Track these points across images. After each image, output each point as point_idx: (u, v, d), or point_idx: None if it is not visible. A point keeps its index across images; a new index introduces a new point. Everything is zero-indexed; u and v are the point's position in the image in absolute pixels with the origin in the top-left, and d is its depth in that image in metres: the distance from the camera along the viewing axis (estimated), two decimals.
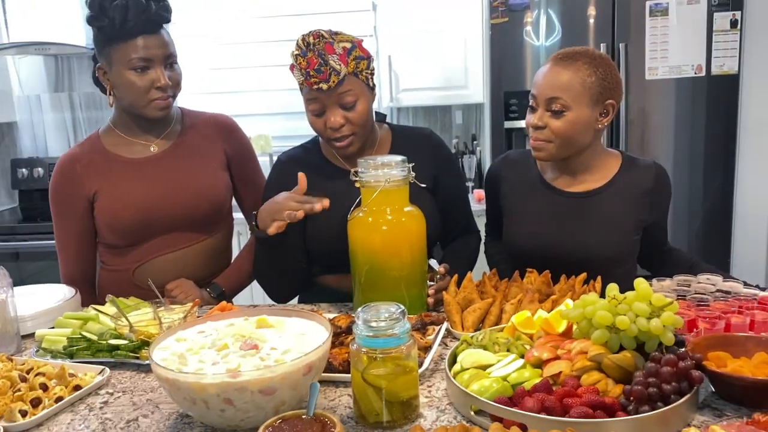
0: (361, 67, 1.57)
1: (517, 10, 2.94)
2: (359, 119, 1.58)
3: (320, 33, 1.55)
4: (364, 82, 1.59)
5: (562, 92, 1.54)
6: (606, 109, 1.58)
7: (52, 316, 1.55)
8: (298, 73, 1.55)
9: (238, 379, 0.97)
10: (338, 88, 1.53)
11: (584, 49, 1.60)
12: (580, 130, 1.57)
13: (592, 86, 1.54)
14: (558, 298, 1.41)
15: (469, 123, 3.84)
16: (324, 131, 1.59)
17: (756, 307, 1.32)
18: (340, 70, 1.52)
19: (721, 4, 2.82)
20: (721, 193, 3.01)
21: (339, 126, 1.57)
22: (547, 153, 1.60)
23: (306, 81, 1.53)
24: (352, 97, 1.56)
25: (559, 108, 1.55)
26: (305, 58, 1.52)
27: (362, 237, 1.49)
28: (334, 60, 1.52)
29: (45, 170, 3.88)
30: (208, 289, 1.76)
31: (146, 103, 1.64)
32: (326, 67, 1.51)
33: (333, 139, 1.59)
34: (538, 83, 1.59)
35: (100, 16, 1.58)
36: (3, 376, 1.21)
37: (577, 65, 1.55)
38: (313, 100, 1.57)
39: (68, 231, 1.74)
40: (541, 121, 1.57)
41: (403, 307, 1.07)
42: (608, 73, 1.56)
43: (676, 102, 2.95)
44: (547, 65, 1.59)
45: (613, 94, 1.58)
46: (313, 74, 1.51)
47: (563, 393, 1.02)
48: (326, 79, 1.51)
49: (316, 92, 1.54)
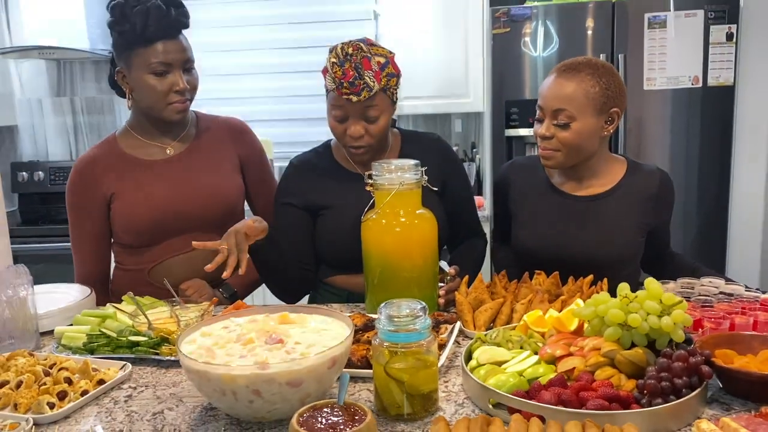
0: (390, 84, 1.62)
1: (519, 20, 3.00)
2: (378, 133, 1.63)
3: (359, 45, 1.58)
4: (390, 98, 1.64)
5: (567, 103, 1.59)
6: (611, 117, 1.63)
7: (68, 314, 1.57)
8: (330, 81, 1.59)
9: (267, 371, 1.00)
10: (366, 103, 1.58)
11: (587, 59, 1.65)
12: (587, 138, 1.61)
13: (596, 96, 1.59)
14: (567, 298, 1.46)
15: (468, 131, 3.89)
16: (343, 137, 1.64)
17: (758, 308, 1.37)
18: (373, 86, 1.56)
19: (717, 18, 2.89)
20: (716, 201, 3.07)
21: (359, 136, 1.62)
22: (556, 161, 1.65)
23: (338, 90, 1.57)
24: (376, 112, 1.61)
25: (565, 119, 1.60)
26: (342, 68, 1.56)
27: (376, 239, 1.52)
28: (369, 76, 1.56)
29: (46, 174, 3.90)
30: (220, 289, 1.79)
31: (165, 106, 1.68)
32: (361, 81, 1.55)
33: (350, 146, 1.64)
34: (543, 95, 1.64)
35: (122, 21, 1.61)
36: (27, 371, 1.23)
37: (580, 76, 1.59)
38: (338, 107, 1.61)
39: (84, 231, 1.77)
40: (548, 131, 1.62)
41: (424, 304, 1.11)
42: (611, 82, 1.61)
43: (673, 112, 3.01)
44: (551, 77, 1.64)
45: (617, 102, 1.63)
46: (346, 85, 1.55)
47: (579, 387, 1.06)
48: (358, 93, 1.56)
49: (344, 101, 1.58)
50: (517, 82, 3.08)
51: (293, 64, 3.87)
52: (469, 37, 3.33)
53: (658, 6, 2.93)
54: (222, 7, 3.84)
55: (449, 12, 3.31)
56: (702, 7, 2.90)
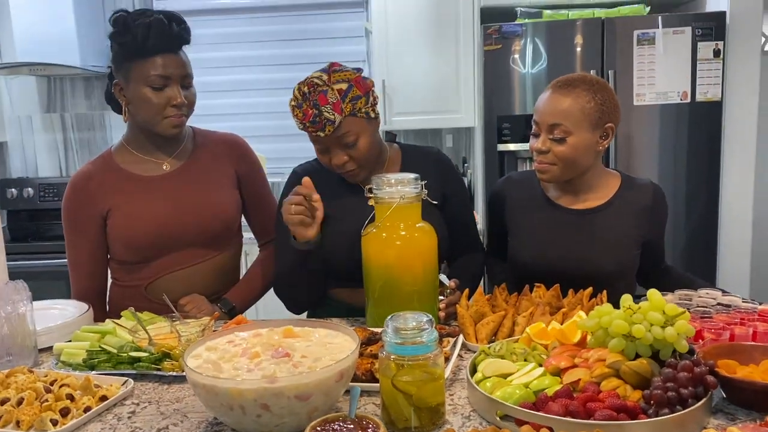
0: (358, 106, 1.59)
1: (510, 37, 3.03)
2: (362, 155, 1.63)
3: (314, 82, 1.58)
4: (365, 117, 1.62)
5: (563, 118, 1.61)
6: (606, 132, 1.66)
7: (66, 330, 1.56)
8: (297, 121, 1.61)
9: (275, 385, 1.00)
10: (336, 133, 1.58)
11: (582, 75, 1.68)
12: (582, 152, 1.64)
13: (591, 111, 1.62)
14: (568, 311, 1.46)
15: (459, 146, 3.92)
16: (330, 167, 1.66)
17: (757, 319, 1.39)
18: (335, 119, 1.56)
19: (704, 34, 2.95)
20: (705, 215, 3.11)
21: (343, 163, 1.63)
22: (552, 175, 1.67)
23: (306, 129, 1.60)
24: (352, 137, 1.60)
25: (561, 133, 1.62)
26: (301, 109, 1.58)
27: (376, 252, 1.53)
28: (328, 111, 1.55)
29: (35, 190, 3.87)
30: (218, 304, 1.78)
31: (160, 120, 1.67)
32: (320, 118, 1.56)
33: (342, 172, 1.66)
34: (539, 110, 1.66)
35: (124, 32, 1.61)
36: (28, 387, 1.22)
37: (576, 92, 1.62)
38: (315, 141, 1.64)
39: (81, 248, 1.76)
40: (544, 145, 1.65)
41: (430, 316, 1.11)
42: (606, 97, 1.64)
43: (662, 126, 3.06)
44: (547, 92, 1.67)
45: (612, 117, 1.66)
46: (309, 125, 1.57)
47: (585, 398, 1.06)
48: (322, 129, 1.57)
49: (316, 137, 1.60)
50: (508, 98, 3.12)
51: (286, 80, 3.87)
52: (461, 53, 3.37)
53: (647, 23, 2.98)
54: (215, 23, 3.87)
55: (441, 29, 3.35)
56: (689, 24, 2.95)
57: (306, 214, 1.56)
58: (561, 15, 3.10)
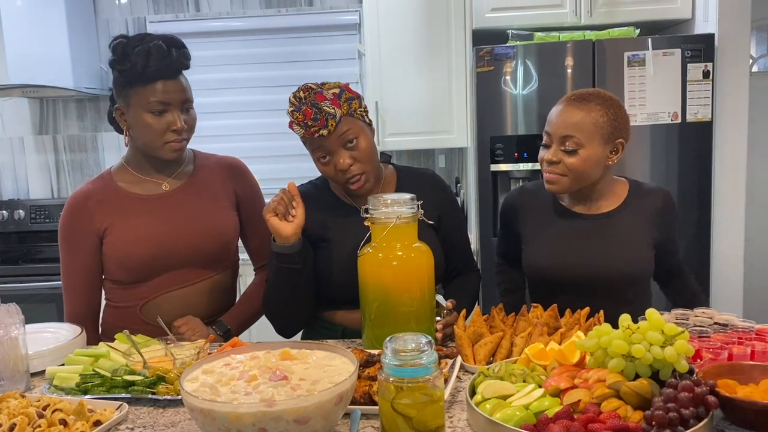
0: (354, 107, 1.64)
1: (502, 59, 3.06)
2: (365, 155, 1.64)
3: (308, 86, 1.62)
4: (360, 120, 1.66)
5: (576, 131, 1.65)
6: (616, 147, 1.69)
7: (59, 354, 1.54)
8: (297, 128, 1.62)
9: (273, 408, 0.98)
10: (338, 130, 1.60)
11: (596, 91, 1.72)
12: (593, 165, 1.67)
13: (603, 126, 1.65)
14: (565, 331, 1.46)
15: (452, 166, 3.93)
16: (335, 175, 1.65)
17: (754, 338, 1.39)
18: (335, 113, 1.59)
19: (693, 56, 2.99)
20: (696, 235, 3.12)
21: (348, 166, 1.62)
22: (561, 186, 1.70)
23: (306, 132, 1.60)
24: (353, 135, 1.62)
25: (573, 145, 1.65)
26: (300, 111, 1.59)
27: (373, 273, 1.52)
28: (327, 105, 1.58)
29: (26, 212, 3.85)
30: (213, 327, 1.76)
31: (161, 145, 1.68)
32: (321, 114, 1.57)
33: (346, 182, 1.65)
34: (552, 121, 1.70)
35: (123, 60, 1.62)
36: (20, 413, 1.20)
37: (590, 106, 1.66)
38: (318, 148, 1.63)
39: (76, 267, 1.74)
40: (555, 156, 1.68)
41: (430, 338, 1.10)
42: (618, 113, 1.68)
43: (652, 147, 3.08)
44: (560, 105, 1.70)
45: (623, 133, 1.69)
46: (311, 123, 1.58)
47: (586, 419, 1.06)
48: (324, 125, 1.58)
49: (319, 140, 1.60)
50: (500, 119, 3.14)
51: (280, 102, 3.86)
52: (453, 75, 3.40)
53: (637, 45, 3.01)
54: (208, 46, 3.89)
55: (433, 51, 3.38)
56: (679, 46, 2.99)
57: (282, 204, 1.57)
58: (552, 37, 3.14)
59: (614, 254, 1.70)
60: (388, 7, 3.38)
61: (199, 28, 3.90)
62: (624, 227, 1.73)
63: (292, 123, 1.63)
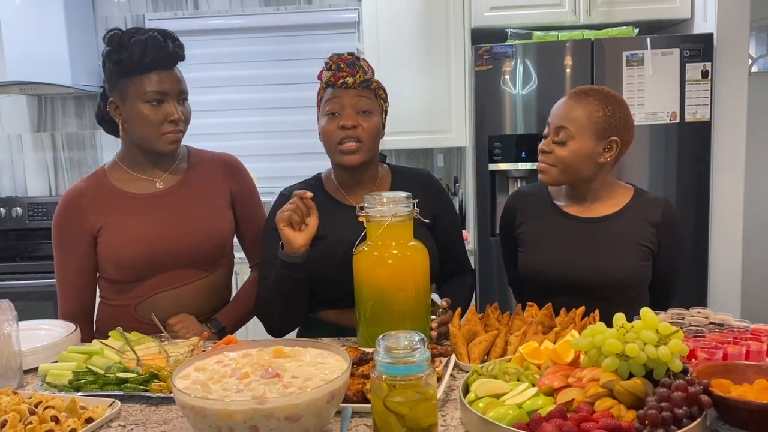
0: (381, 91, 1.70)
1: (500, 58, 3.06)
2: (370, 130, 1.65)
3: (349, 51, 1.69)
4: (379, 105, 1.70)
5: (569, 123, 1.66)
6: (609, 145, 1.67)
7: (53, 351, 1.53)
8: (326, 73, 1.65)
9: (265, 406, 0.98)
10: (360, 91, 1.64)
11: (600, 88, 1.72)
12: (582, 159, 1.67)
13: (597, 120, 1.65)
14: (560, 330, 1.46)
15: (450, 166, 3.93)
16: (334, 134, 1.64)
17: (749, 338, 1.38)
18: (368, 71, 1.66)
19: (692, 56, 2.98)
20: (695, 235, 3.11)
21: (351, 126, 1.63)
22: (550, 176, 1.70)
23: (334, 76, 1.63)
24: (367, 106, 1.65)
25: (564, 137, 1.66)
26: (340, 56, 1.65)
27: (368, 271, 1.52)
28: (365, 63, 1.66)
29: (24, 210, 3.84)
30: (208, 325, 1.76)
31: (158, 137, 1.66)
32: (357, 65, 1.64)
33: (342, 141, 1.63)
34: (552, 113, 1.72)
35: (119, 50, 1.61)
36: (12, 410, 1.19)
37: (588, 100, 1.67)
38: (332, 99, 1.65)
39: (70, 265, 1.73)
40: (547, 146, 1.70)
41: (423, 336, 1.10)
42: (617, 111, 1.67)
43: (651, 146, 3.07)
44: (564, 98, 1.72)
45: (620, 132, 1.68)
46: (344, 66, 1.63)
47: (579, 418, 1.05)
48: (354, 74, 1.63)
49: (339, 91, 1.63)
50: (498, 118, 3.13)
51: (278, 99, 3.91)
52: (452, 74, 3.39)
53: (636, 44, 3.01)
54: (206, 43, 3.88)
55: (432, 50, 3.38)
56: (677, 45, 2.99)
57: (297, 213, 1.54)
58: (551, 36, 3.13)
59: (605, 259, 1.68)
60: (387, 5, 3.37)
61: (198, 25, 3.89)
62: (617, 233, 1.70)
63: (321, 71, 1.67)
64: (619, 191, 1.76)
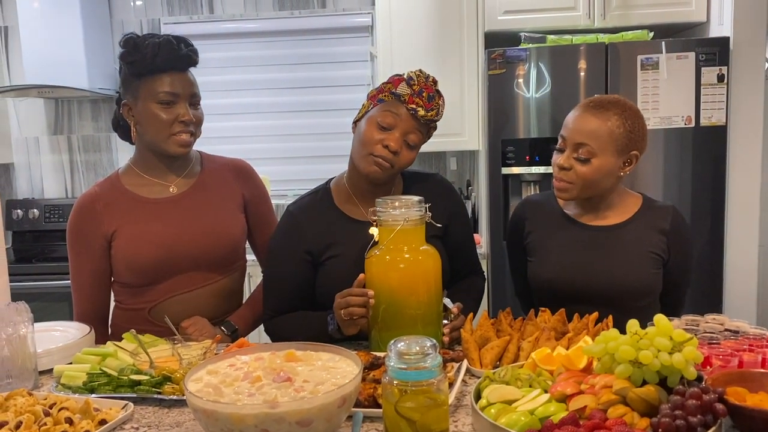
0: (431, 133, 1.70)
1: (514, 62, 3.05)
2: (405, 160, 1.66)
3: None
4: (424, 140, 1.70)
5: (590, 139, 1.62)
6: (630, 159, 1.66)
7: (67, 352, 1.55)
8: (407, 88, 1.62)
9: (276, 410, 0.98)
10: (420, 124, 1.63)
11: (616, 98, 1.67)
12: (604, 175, 1.64)
13: (619, 137, 1.62)
14: (573, 336, 1.45)
15: (463, 169, 3.92)
16: (374, 145, 1.62)
17: (765, 345, 1.37)
18: (438, 114, 1.64)
19: (708, 60, 2.96)
20: (710, 240, 3.08)
21: (394, 150, 1.61)
22: (569, 194, 1.68)
23: (411, 96, 1.61)
24: (416, 141, 1.65)
25: (586, 154, 1.62)
26: (426, 81, 1.63)
27: (380, 275, 1.52)
28: (442, 103, 1.66)
29: (40, 212, 3.89)
30: (222, 327, 1.77)
31: (168, 137, 1.68)
32: (435, 102, 1.63)
33: (377, 156, 1.62)
34: (568, 126, 1.67)
35: (134, 52, 1.64)
36: (27, 411, 1.21)
37: (607, 114, 1.62)
38: (391, 113, 1.62)
39: (85, 269, 1.75)
40: (567, 163, 1.65)
41: (435, 341, 1.10)
42: (636, 125, 1.64)
43: (666, 151, 3.05)
44: (578, 110, 1.67)
45: (639, 145, 1.66)
46: (425, 96, 1.61)
47: (592, 425, 1.04)
48: (428, 109, 1.62)
49: (405, 112, 1.61)
50: (512, 122, 3.12)
51: (291, 103, 3.93)
52: (465, 77, 3.39)
53: (651, 48, 2.99)
54: (220, 47, 3.91)
55: (446, 53, 3.37)
56: (693, 49, 2.96)
57: (361, 311, 1.50)
58: (565, 40, 3.12)
59: (616, 267, 1.66)
60: (401, 9, 3.37)
61: (213, 29, 3.92)
62: (628, 241, 1.68)
63: (401, 79, 1.64)
64: (628, 200, 1.75)
